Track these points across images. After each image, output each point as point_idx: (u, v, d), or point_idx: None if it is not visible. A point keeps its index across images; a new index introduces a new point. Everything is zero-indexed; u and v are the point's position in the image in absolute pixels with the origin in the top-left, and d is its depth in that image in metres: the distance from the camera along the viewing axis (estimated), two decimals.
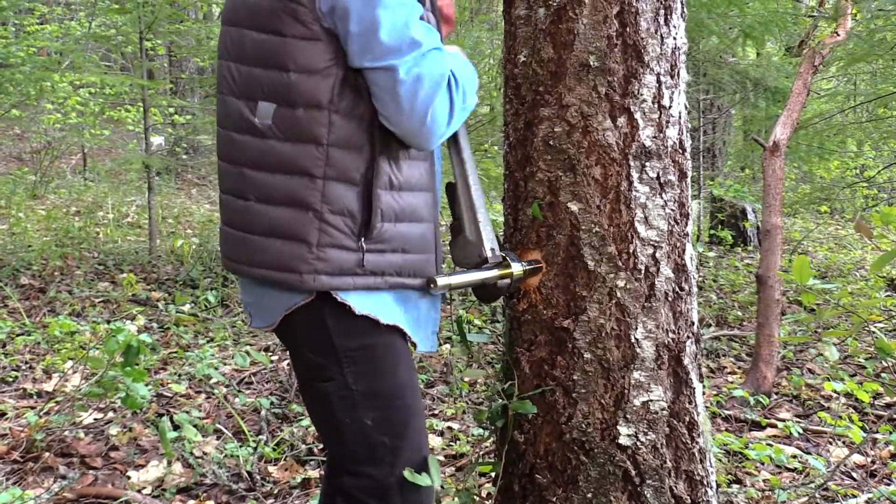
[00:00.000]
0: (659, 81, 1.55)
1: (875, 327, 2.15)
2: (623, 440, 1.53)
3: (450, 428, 2.90)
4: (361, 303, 1.33)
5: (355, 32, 1.24)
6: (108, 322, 3.96)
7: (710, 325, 4.56)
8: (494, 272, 1.49)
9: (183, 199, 8.99)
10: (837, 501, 2.31)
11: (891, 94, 6.45)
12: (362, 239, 1.31)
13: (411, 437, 1.41)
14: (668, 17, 1.56)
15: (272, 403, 3.03)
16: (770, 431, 2.96)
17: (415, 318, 1.43)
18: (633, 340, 1.53)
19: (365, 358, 1.36)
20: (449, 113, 1.33)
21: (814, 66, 4.17)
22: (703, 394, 1.69)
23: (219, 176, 1.44)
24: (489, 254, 1.48)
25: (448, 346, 3.67)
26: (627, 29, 1.51)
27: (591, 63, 1.51)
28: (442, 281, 1.40)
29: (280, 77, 1.28)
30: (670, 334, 1.57)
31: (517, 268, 1.52)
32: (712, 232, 7.30)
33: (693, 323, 1.63)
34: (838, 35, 4.56)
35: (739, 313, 4.86)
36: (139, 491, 2.34)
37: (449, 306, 4.33)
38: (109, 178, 9.44)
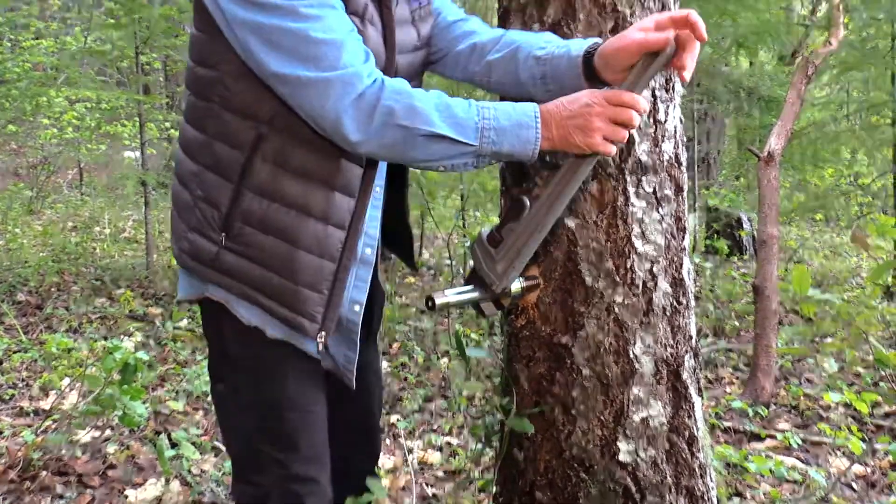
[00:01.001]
0: (654, 96, 1.56)
1: (873, 338, 2.15)
2: (623, 457, 1.52)
3: (448, 443, 2.89)
4: (249, 312, 1.32)
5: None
6: (106, 339, 3.95)
7: (708, 336, 4.57)
8: (494, 294, 1.48)
9: None
10: None
11: (883, 102, 6.49)
12: (223, 234, 1.29)
13: (303, 450, 1.37)
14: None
15: None
16: (769, 443, 2.95)
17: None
18: (631, 356, 1.53)
19: (252, 366, 1.36)
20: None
21: (807, 76, 4.20)
22: (702, 406, 1.69)
23: None
24: (499, 290, 1.41)
25: (446, 360, 3.67)
26: None
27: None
28: (440, 300, 1.40)
29: (190, 68, 1.34)
30: (669, 349, 1.56)
31: (515, 286, 1.52)
32: (708, 242, 7.31)
33: (691, 337, 1.63)
34: (831, 44, 4.59)
35: (737, 323, 4.86)
36: None
37: (447, 319, 4.33)
38: (106, 192, 9.44)
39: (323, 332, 1.32)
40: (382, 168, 1.41)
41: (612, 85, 1.30)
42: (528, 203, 1.36)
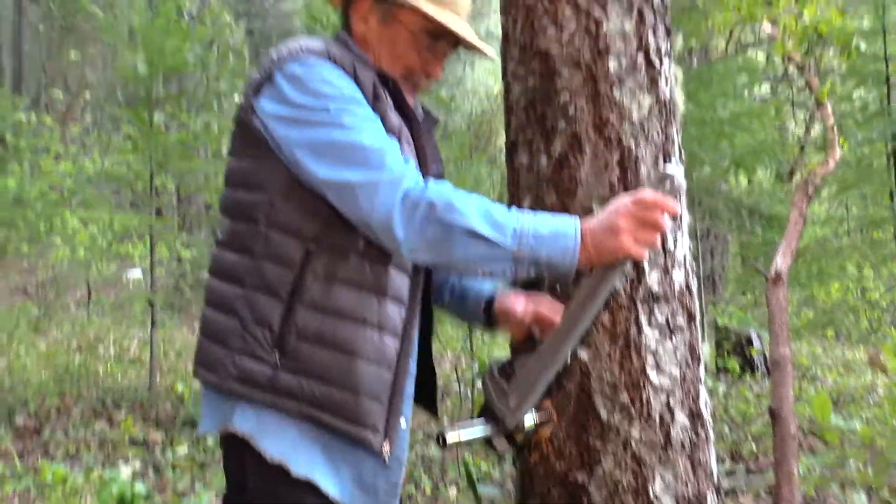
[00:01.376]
0: None
1: None
2: None
3: None
4: (275, 446, 1.28)
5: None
6: (104, 466, 3.83)
7: (725, 461, 4.40)
8: (506, 430, 1.43)
9: (185, 333, 8.95)
10: None
11: (883, 218, 6.56)
12: (276, 352, 1.28)
13: None
14: (668, 162, 1.59)
15: None
16: None
17: (343, 473, 1.32)
18: (651, 496, 1.45)
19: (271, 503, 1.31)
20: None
21: (807, 196, 4.26)
22: None
23: None
24: (511, 427, 1.37)
25: (455, 490, 3.53)
26: (629, 175, 1.54)
27: (595, 209, 1.53)
28: (452, 437, 1.35)
29: (231, 194, 1.37)
30: (689, 486, 1.49)
31: (528, 421, 1.47)
32: (719, 361, 7.20)
33: (712, 472, 1.56)
34: (828, 164, 4.68)
35: (754, 446, 4.70)
36: None
37: (457, 448, 4.19)
38: (113, 311, 9.45)
39: (387, 443, 1.31)
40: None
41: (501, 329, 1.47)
42: (537, 335, 1.35)
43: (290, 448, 1.28)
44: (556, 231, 1.23)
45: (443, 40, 1.44)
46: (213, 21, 8.70)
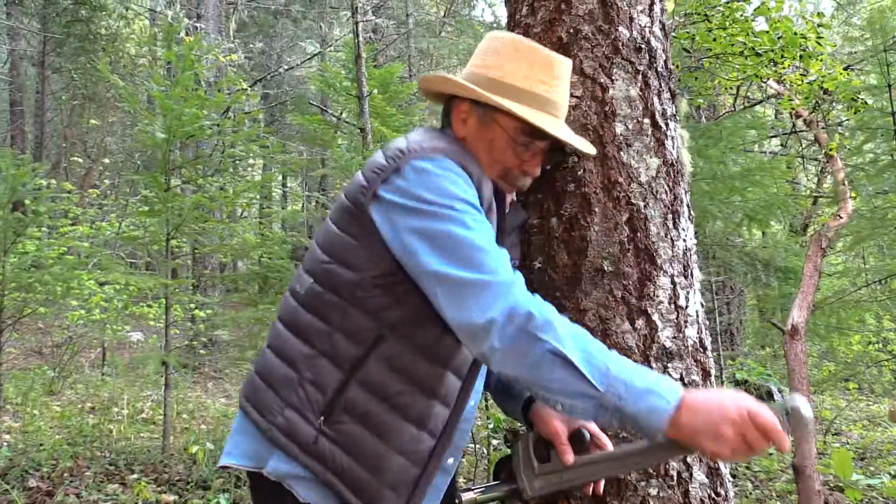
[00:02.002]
0: (673, 282, 1.57)
1: None
2: None
3: None
4: (305, 491, 1.33)
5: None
6: None
7: None
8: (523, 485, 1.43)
9: (199, 393, 8.92)
10: None
11: None
12: (322, 417, 1.33)
13: None
14: (677, 221, 1.62)
15: None
16: None
17: None
18: None
19: None
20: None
21: (821, 249, 4.26)
22: None
23: None
24: (528, 499, 1.39)
25: None
26: (638, 234, 1.56)
27: (606, 268, 1.55)
28: (468, 497, 1.35)
29: (325, 260, 1.41)
30: None
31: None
32: None
33: None
34: (840, 217, 4.70)
35: (779, 503, 4.59)
36: None
37: None
38: (127, 372, 9.46)
39: None
40: (480, 383, 1.48)
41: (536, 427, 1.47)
42: (587, 439, 1.34)
43: (321, 498, 1.33)
44: (650, 388, 1.15)
45: (539, 140, 1.45)
46: (230, 88, 8.94)
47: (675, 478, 1.48)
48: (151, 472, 5.13)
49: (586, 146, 1.51)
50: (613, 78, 1.61)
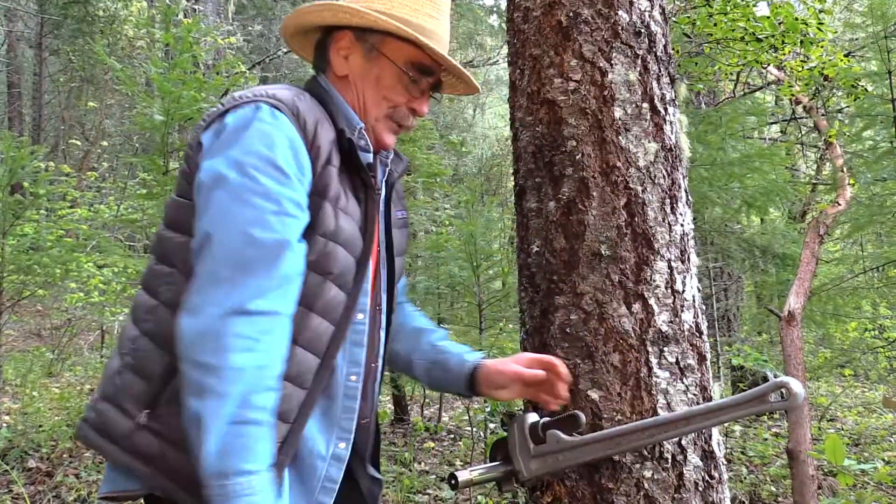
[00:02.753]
0: (670, 267, 1.58)
1: None
2: None
3: None
4: None
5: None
6: None
7: (744, 503, 4.33)
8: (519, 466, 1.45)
9: None
10: None
11: None
12: (145, 411, 1.17)
13: None
14: (675, 205, 1.62)
15: None
16: None
17: None
18: None
19: None
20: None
21: (819, 236, 4.27)
22: None
23: None
24: (523, 481, 1.40)
25: None
26: (636, 219, 1.57)
27: (603, 252, 1.55)
28: (463, 477, 1.36)
29: (159, 232, 1.31)
30: None
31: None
32: None
33: None
34: (839, 204, 4.70)
35: (773, 488, 4.63)
36: None
37: (469, 489, 4.15)
38: None
39: None
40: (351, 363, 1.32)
41: (484, 396, 1.45)
42: (582, 421, 1.36)
43: None
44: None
45: (427, 76, 1.40)
46: (228, 71, 8.89)
47: (670, 460, 1.49)
48: None
49: (473, 80, 1.47)
50: (613, 62, 1.61)
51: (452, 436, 6.14)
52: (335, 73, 1.39)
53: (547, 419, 1.41)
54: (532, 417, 1.42)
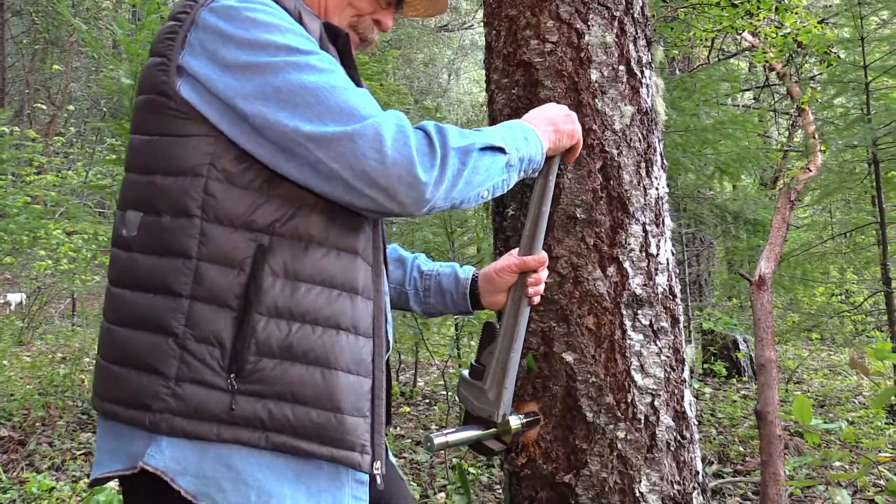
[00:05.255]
0: (645, 231, 1.59)
1: (884, 466, 2.10)
2: None
3: None
4: (198, 486, 1.03)
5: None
6: (89, 476, 3.80)
7: (713, 463, 4.44)
8: (494, 430, 1.45)
9: None
10: None
11: (868, 223, 6.65)
12: (232, 375, 1.04)
13: None
14: (650, 169, 1.62)
15: None
16: None
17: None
18: (637, 494, 1.47)
19: None
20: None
21: (790, 201, 4.32)
22: None
23: None
24: (499, 419, 1.38)
25: (443, 495, 3.53)
26: (611, 182, 1.57)
27: (578, 215, 1.56)
28: (438, 440, 1.36)
29: (145, 182, 1.10)
30: (675, 486, 1.52)
31: (515, 422, 1.48)
32: (706, 365, 7.26)
33: (698, 472, 1.58)
34: (810, 171, 4.76)
35: (741, 448, 4.74)
36: None
37: (445, 452, 4.20)
38: (98, 322, 9.38)
39: (378, 462, 1.11)
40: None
41: (486, 307, 1.43)
42: (494, 325, 1.37)
43: (261, 484, 1.05)
44: (514, 127, 1.23)
45: None
46: None
47: (643, 421, 1.51)
48: None
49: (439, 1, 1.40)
50: (589, 24, 1.59)
51: (428, 400, 6.19)
52: None
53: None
54: (465, 370, 1.42)
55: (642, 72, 1.64)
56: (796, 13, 4.80)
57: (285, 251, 1.07)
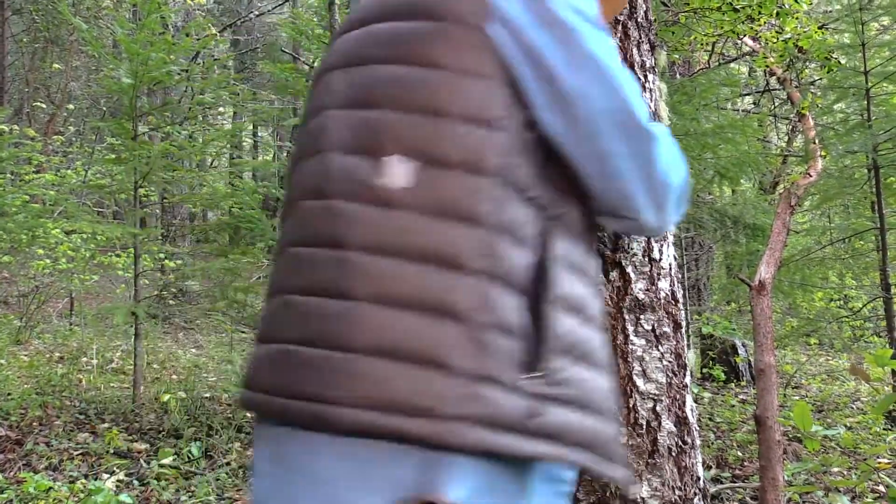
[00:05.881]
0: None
1: (883, 473, 2.09)
2: None
3: None
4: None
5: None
6: (87, 476, 3.79)
7: (711, 468, 4.43)
8: None
9: (169, 343, 8.90)
10: None
11: (868, 229, 6.65)
12: (535, 374, 0.82)
13: None
14: None
15: None
16: None
17: None
18: (639, 500, 1.47)
19: None
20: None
21: (790, 206, 4.32)
22: None
23: (282, 269, 0.93)
24: None
25: None
26: None
27: None
28: None
29: (428, 124, 0.85)
30: (677, 491, 1.51)
31: None
32: (705, 369, 7.27)
33: (699, 478, 1.58)
34: (810, 176, 4.76)
35: (739, 453, 4.74)
36: None
37: None
38: (96, 322, 9.38)
39: (637, 478, 1.04)
40: None
41: None
42: None
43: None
44: None
45: None
46: (198, 33, 8.69)
47: (645, 426, 1.51)
48: (122, 421, 5.12)
49: None
50: None
51: None
52: None
53: None
54: None
55: (646, 76, 1.64)
56: (797, 18, 4.80)
57: (563, 236, 0.90)
